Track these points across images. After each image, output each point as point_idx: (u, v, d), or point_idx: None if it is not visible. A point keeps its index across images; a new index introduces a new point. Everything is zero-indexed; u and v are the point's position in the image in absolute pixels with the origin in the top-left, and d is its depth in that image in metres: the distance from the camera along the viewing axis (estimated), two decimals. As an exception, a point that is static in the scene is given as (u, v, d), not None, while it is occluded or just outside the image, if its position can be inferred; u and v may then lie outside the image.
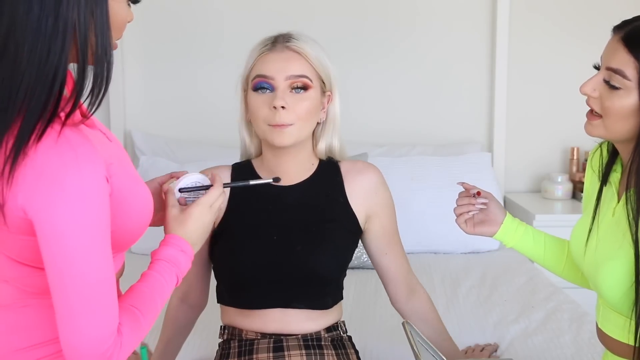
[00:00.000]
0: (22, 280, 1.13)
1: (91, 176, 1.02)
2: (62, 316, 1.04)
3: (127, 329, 1.09)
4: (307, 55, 1.56)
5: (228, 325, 1.65)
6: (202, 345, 1.98)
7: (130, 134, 3.20)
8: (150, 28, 3.17)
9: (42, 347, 1.13)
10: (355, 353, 1.66)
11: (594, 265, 1.43)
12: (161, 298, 1.18)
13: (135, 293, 1.15)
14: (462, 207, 1.60)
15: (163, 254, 1.21)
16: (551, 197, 3.21)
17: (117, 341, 1.07)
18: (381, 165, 2.98)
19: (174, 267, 1.21)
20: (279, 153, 1.60)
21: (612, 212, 1.44)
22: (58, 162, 1.01)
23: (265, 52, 1.56)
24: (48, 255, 1.03)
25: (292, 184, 1.63)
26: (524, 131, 3.33)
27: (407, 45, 3.25)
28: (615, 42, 1.36)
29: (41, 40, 1.00)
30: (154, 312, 1.16)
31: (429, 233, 2.88)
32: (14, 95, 1.01)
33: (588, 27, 3.26)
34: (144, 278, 1.18)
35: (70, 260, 1.02)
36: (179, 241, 1.24)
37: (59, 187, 1.00)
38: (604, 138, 1.44)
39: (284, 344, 1.57)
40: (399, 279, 1.70)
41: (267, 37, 1.59)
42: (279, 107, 1.51)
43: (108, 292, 1.06)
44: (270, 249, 1.57)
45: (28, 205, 1.01)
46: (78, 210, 1.01)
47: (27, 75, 1.01)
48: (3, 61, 1.01)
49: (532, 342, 2.06)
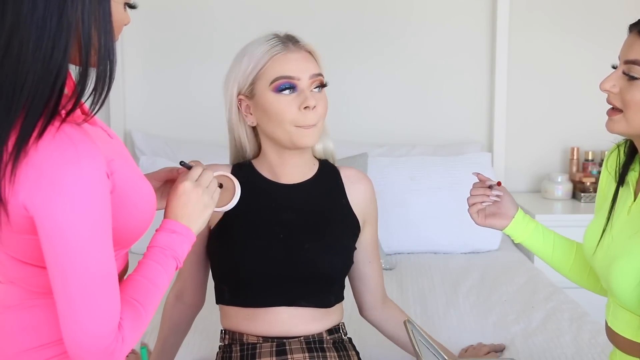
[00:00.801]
0: (28, 280, 1.13)
1: (91, 172, 1.02)
2: (65, 312, 1.05)
3: (128, 323, 1.09)
4: (315, 53, 1.57)
5: (229, 329, 1.64)
6: (202, 346, 1.98)
7: (130, 134, 3.19)
8: (150, 28, 3.17)
9: (50, 347, 1.13)
10: (357, 355, 1.67)
11: (606, 263, 1.43)
12: (161, 285, 1.16)
13: (134, 284, 1.14)
14: (475, 197, 1.59)
15: (156, 240, 1.20)
16: (551, 197, 3.21)
17: (119, 336, 1.07)
18: (381, 165, 3.02)
19: (169, 251, 1.19)
20: (285, 154, 1.59)
21: (628, 210, 1.44)
22: (58, 158, 1.01)
23: (279, 53, 1.53)
24: (49, 252, 1.03)
25: (296, 182, 1.63)
26: (524, 131, 3.33)
27: (407, 45, 3.25)
28: (633, 37, 1.36)
29: (45, 39, 1.01)
30: (154, 302, 1.15)
31: (429, 233, 2.88)
32: (18, 93, 1.01)
33: (588, 27, 3.26)
34: (140, 267, 1.17)
35: (72, 256, 1.03)
36: (168, 224, 1.22)
37: (59, 183, 1.00)
38: (625, 134, 1.43)
39: (287, 348, 1.57)
40: (378, 288, 1.72)
41: (268, 38, 1.56)
42: (311, 107, 1.50)
43: (110, 287, 1.07)
44: (277, 246, 1.57)
45: (29, 202, 1.01)
46: (78, 205, 1.01)
47: (31, 73, 1.01)
48: (7, 59, 1.01)
49: (532, 342, 2.06)
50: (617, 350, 1.48)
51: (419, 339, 1.39)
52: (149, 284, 1.15)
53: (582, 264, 1.60)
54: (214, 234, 1.62)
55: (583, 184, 3.19)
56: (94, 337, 1.05)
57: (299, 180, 1.63)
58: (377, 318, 1.74)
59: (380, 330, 1.76)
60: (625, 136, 1.46)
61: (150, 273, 1.16)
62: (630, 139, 1.48)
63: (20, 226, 1.05)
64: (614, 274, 1.40)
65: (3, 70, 1.01)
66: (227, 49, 3.20)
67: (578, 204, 3.15)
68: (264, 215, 1.60)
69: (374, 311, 1.74)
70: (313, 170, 1.65)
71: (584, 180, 3.19)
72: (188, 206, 1.24)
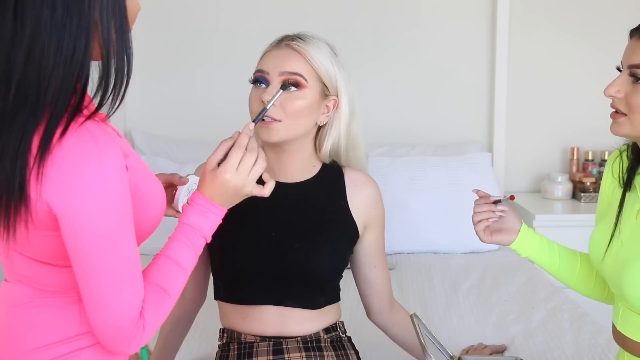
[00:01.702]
0: (39, 279, 1.14)
1: (113, 163, 1.04)
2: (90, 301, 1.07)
3: (150, 311, 1.12)
4: (307, 54, 1.56)
5: (227, 328, 1.65)
6: (202, 346, 1.98)
7: (130, 134, 3.19)
8: (150, 28, 3.16)
9: (55, 347, 1.14)
10: (356, 354, 1.66)
11: (617, 268, 1.42)
12: (188, 268, 1.19)
13: (162, 267, 1.17)
14: (480, 214, 1.56)
15: (189, 217, 1.22)
16: (551, 197, 3.21)
17: (140, 324, 1.10)
18: (381, 165, 3.02)
19: (200, 231, 1.22)
20: (277, 150, 1.60)
21: (636, 214, 1.43)
22: (79, 153, 1.02)
23: (268, 50, 1.59)
24: (75, 245, 1.05)
25: (294, 182, 1.63)
26: (524, 131, 3.33)
27: (407, 45, 3.25)
28: (634, 41, 1.38)
29: (66, 40, 1.02)
30: (180, 286, 1.18)
31: (429, 233, 2.89)
32: (42, 97, 1.03)
33: (588, 27, 3.26)
34: (170, 246, 1.19)
35: (97, 247, 1.05)
36: (203, 201, 1.23)
37: (82, 175, 1.02)
38: (629, 137, 1.43)
39: (284, 347, 1.57)
40: (384, 291, 1.71)
41: (280, 36, 1.61)
42: (265, 100, 1.51)
43: (134, 276, 1.09)
44: (268, 244, 1.57)
45: (52, 199, 1.03)
46: (102, 196, 1.03)
47: (54, 77, 1.03)
48: (29, 66, 1.02)
49: (532, 342, 2.06)
50: (625, 353, 1.48)
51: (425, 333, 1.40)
52: (177, 267, 1.17)
53: (588, 273, 1.59)
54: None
55: (583, 184, 3.19)
56: (114, 327, 1.08)
57: (298, 179, 1.63)
58: (385, 322, 1.73)
59: (388, 334, 1.75)
60: (630, 139, 1.46)
61: (179, 254, 1.18)
62: (632, 144, 1.48)
63: (42, 223, 1.06)
64: (626, 278, 1.39)
65: (27, 76, 1.02)
66: (229, 49, 3.23)
67: (578, 204, 3.15)
68: (259, 212, 1.59)
69: (381, 315, 1.73)
70: (313, 172, 1.65)
71: (584, 180, 3.19)
72: (228, 190, 1.25)
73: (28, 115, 1.03)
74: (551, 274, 1.62)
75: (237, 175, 1.25)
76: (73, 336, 1.14)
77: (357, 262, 1.70)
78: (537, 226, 2.93)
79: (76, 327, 1.14)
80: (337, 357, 1.59)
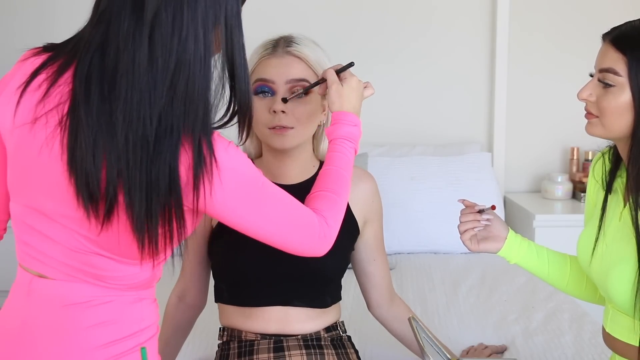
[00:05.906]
0: (113, 277, 1.18)
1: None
2: (278, 239, 1.25)
3: (326, 211, 1.28)
4: (308, 59, 1.57)
5: (227, 326, 1.65)
6: (202, 346, 1.98)
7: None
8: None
9: (122, 342, 1.18)
10: (355, 353, 1.67)
11: (603, 271, 1.44)
12: (348, 174, 1.37)
13: (327, 176, 1.35)
14: (466, 223, 1.57)
15: (341, 132, 1.40)
16: (551, 197, 3.21)
17: (322, 221, 1.27)
18: (381, 165, 3.02)
19: (351, 143, 1.39)
20: (280, 155, 1.60)
21: (619, 216, 1.44)
22: (221, 145, 1.15)
23: (266, 57, 1.58)
24: (244, 212, 1.19)
25: (295, 183, 1.63)
26: (524, 131, 3.33)
27: (407, 45, 3.25)
28: (605, 45, 1.42)
29: (205, 72, 1.12)
30: (346, 187, 1.35)
31: (429, 233, 2.89)
32: (190, 127, 1.11)
33: (588, 28, 3.25)
34: (332, 159, 1.37)
35: (272, 199, 1.22)
36: (347, 116, 1.42)
37: (226, 156, 1.15)
38: (603, 136, 1.45)
39: (284, 344, 1.58)
40: (383, 285, 1.72)
41: (268, 40, 1.60)
42: (278, 111, 1.53)
43: (296, 203, 1.25)
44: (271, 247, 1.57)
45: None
46: (243, 165, 1.18)
47: (201, 107, 1.11)
48: (175, 101, 1.09)
49: (532, 342, 2.06)
50: (616, 356, 1.49)
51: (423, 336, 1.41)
52: (342, 171, 1.35)
53: (578, 276, 1.59)
54: (215, 233, 1.63)
55: (583, 184, 3.19)
56: (308, 236, 1.26)
57: (298, 180, 1.63)
58: (384, 315, 1.74)
59: (387, 328, 1.76)
60: (604, 139, 1.48)
61: (341, 163, 1.36)
62: (614, 146, 1.49)
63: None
64: (611, 281, 1.41)
65: (173, 110, 1.09)
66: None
67: (578, 204, 3.14)
68: None
69: (381, 309, 1.73)
70: (312, 172, 1.65)
71: (584, 180, 3.19)
72: (354, 88, 1.46)
73: (174, 144, 1.10)
74: (542, 279, 1.62)
75: (353, 76, 1.47)
76: (137, 331, 1.20)
77: (357, 257, 1.71)
78: (537, 226, 2.93)
79: (141, 321, 1.20)
80: (337, 356, 1.60)
